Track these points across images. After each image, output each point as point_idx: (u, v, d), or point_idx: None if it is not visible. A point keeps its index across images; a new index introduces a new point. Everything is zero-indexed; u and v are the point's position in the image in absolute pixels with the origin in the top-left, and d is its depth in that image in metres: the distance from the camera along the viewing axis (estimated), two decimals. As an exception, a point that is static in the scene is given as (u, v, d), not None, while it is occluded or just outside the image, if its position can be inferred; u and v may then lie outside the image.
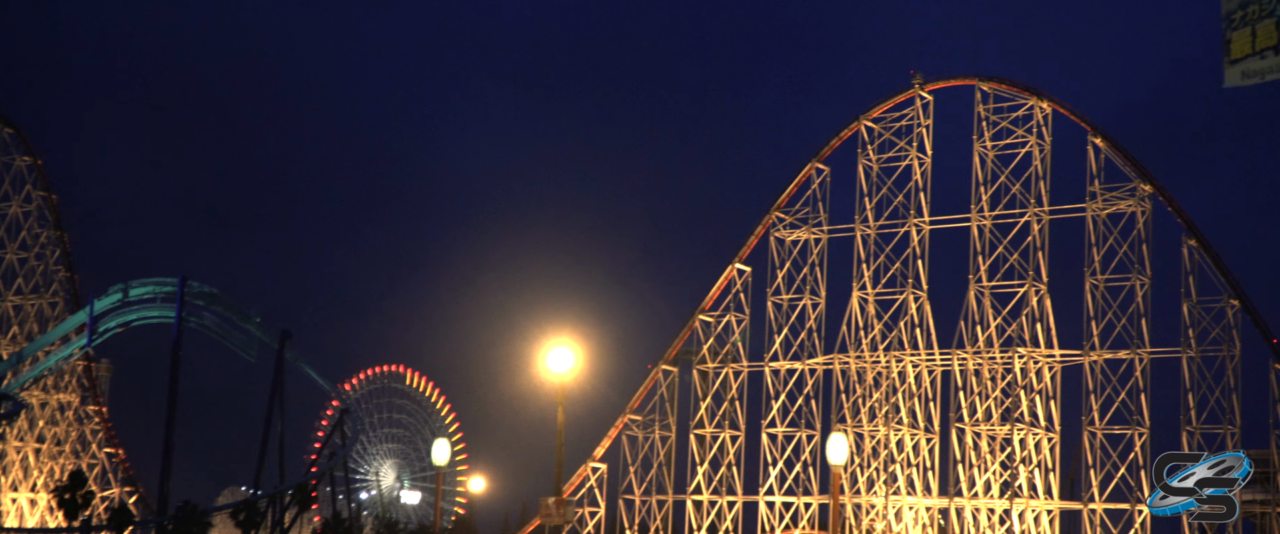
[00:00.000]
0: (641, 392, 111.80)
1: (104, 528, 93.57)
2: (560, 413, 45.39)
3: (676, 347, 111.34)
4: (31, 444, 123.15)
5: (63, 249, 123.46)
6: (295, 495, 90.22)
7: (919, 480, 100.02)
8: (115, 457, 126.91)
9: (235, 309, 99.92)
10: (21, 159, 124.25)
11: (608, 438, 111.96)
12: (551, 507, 45.56)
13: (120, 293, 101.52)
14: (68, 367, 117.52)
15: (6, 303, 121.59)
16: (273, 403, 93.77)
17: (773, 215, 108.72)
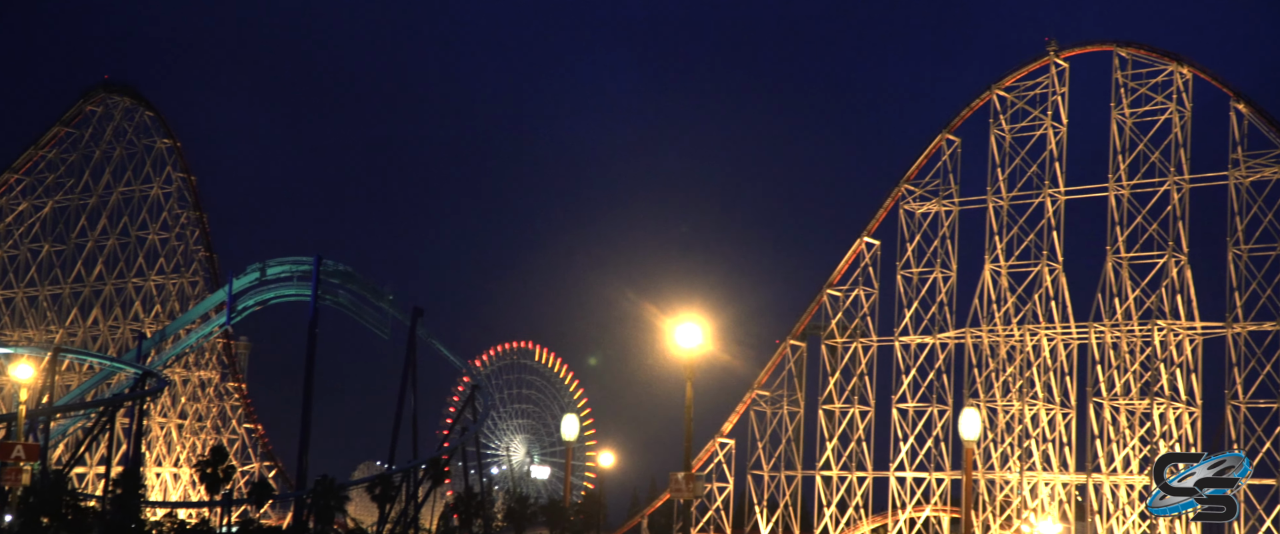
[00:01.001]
0: (769, 367, 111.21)
1: (245, 502, 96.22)
2: (689, 388, 45.15)
3: (804, 322, 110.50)
4: (174, 420, 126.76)
5: (202, 229, 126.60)
6: (428, 470, 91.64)
7: (1055, 456, 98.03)
8: (254, 432, 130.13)
9: (369, 287, 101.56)
10: (162, 142, 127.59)
11: (735, 413, 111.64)
12: (681, 482, 45.36)
13: (258, 272, 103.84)
14: (208, 344, 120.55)
15: (149, 282, 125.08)
16: (406, 379, 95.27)
17: (902, 188, 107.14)
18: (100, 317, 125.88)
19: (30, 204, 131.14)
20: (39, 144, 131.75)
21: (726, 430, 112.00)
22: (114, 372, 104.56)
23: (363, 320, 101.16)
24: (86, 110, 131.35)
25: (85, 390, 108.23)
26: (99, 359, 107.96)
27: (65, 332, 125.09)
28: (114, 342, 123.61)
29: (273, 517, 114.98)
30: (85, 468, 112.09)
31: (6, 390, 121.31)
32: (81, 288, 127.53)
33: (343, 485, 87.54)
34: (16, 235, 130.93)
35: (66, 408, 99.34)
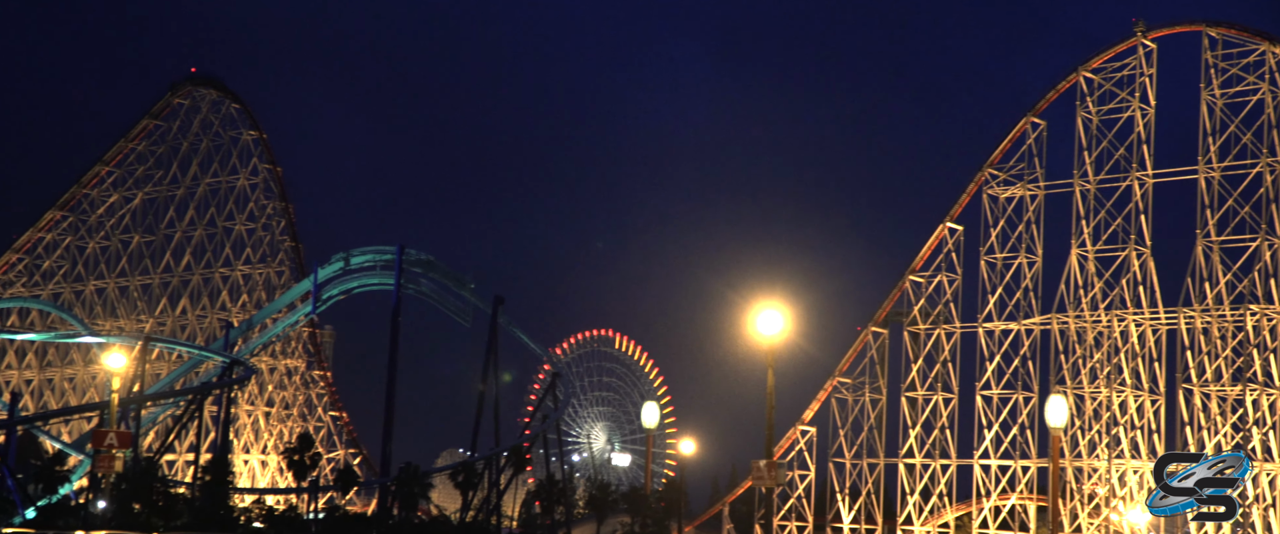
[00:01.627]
0: (851, 354, 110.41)
1: (331, 488, 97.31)
2: (770, 376, 44.92)
3: (886, 308, 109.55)
4: (262, 408, 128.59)
5: (288, 219, 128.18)
6: (510, 458, 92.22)
7: (1144, 443, 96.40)
8: (339, 419, 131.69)
9: (451, 276, 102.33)
10: (248, 133, 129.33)
11: (816, 401, 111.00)
12: (763, 469, 45.14)
13: (342, 261, 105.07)
14: (294, 333, 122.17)
15: (236, 272, 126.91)
16: (487, 367, 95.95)
17: (985, 172, 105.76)
18: (189, 306, 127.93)
19: (121, 196, 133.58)
20: (129, 137, 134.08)
21: (808, 418, 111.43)
22: (202, 360, 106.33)
23: (445, 308, 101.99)
24: (174, 103, 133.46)
25: (175, 379, 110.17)
26: (188, 348, 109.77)
27: (155, 321, 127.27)
28: (202, 331, 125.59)
29: (358, 503, 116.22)
30: (175, 455, 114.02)
31: (99, 379, 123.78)
32: (171, 278, 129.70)
33: (426, 473, 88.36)
34: (108, 227, 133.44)
35: (157, 396, 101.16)
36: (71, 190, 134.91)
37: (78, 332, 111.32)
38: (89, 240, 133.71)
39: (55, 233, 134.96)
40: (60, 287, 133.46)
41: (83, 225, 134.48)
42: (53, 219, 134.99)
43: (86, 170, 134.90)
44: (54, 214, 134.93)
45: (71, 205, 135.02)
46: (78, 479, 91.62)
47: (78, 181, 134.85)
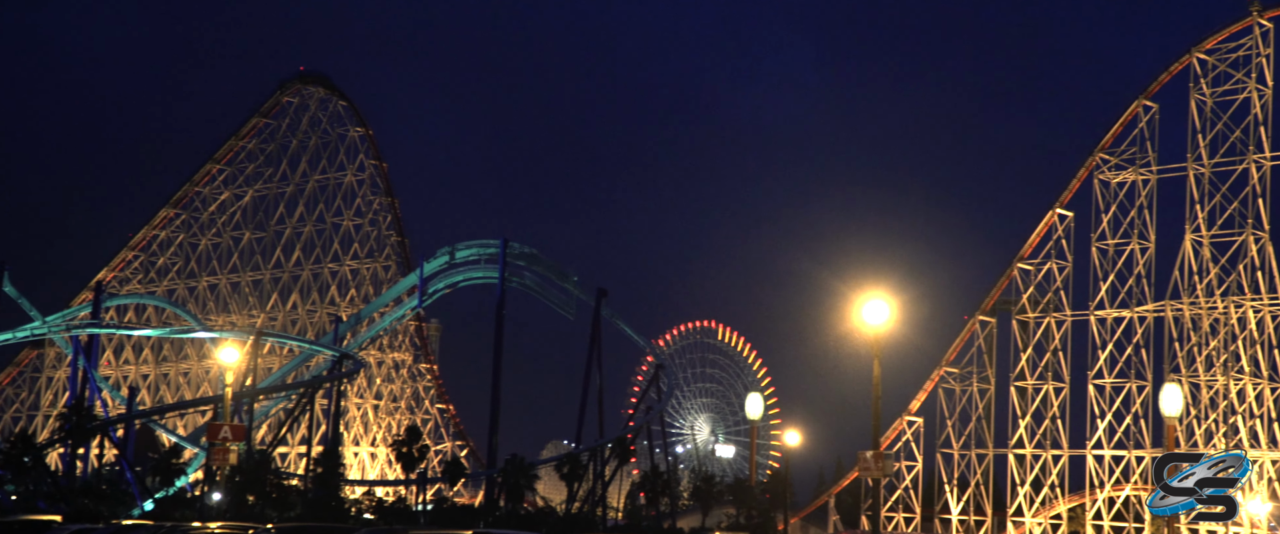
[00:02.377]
0: (958, 343, 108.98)
1: (438, 480, 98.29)
2: (876, 366, 44.34)
3: (994, 296, 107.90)
4: (370, 401, 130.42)
5: (393, 214, 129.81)
6: (614, 449, 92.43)
7: (1263, 432, 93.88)
8: (446, 412, 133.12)
9: (554, 269, 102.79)
10: (355, 130, 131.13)
11: (923, 391, 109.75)
12: (870, 460, 44.60)
13: (447, 255, 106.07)
14: (401, 327, 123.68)
15: (344, 267, 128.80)
16: (591, 359, 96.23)
17: (1096, 157, 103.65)
18: (299, 301, 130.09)
19: (232, 193, 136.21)
20: (239, 135, 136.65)
21: (914, 408, 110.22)
22: (312, 354, 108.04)
23: (548, 301, 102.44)
24: (283, 101, 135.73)
25: (286, 373, 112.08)
26: (298, 342, 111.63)
27: (266, 316, 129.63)
28: (312, 325, 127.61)
29: (465, 495, 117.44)
30: (287, 448, 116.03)
31: (213, 373, 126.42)
32: (281, 273, 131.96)
33: (532, 464, 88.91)
34: (219, 224, 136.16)
35: (269, 390, 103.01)
36: (184, 188, 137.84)
37: (192, 327, 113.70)
38: (201, 237, 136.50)
39: (169, 230, 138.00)
40: (174, 283, 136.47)
41: (195, 222, 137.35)
42: (166, 217, 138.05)
43: (198, 169, 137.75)
44: (167, 212, 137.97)
45: (184, 203, 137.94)
46: (193, 471, 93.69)
47: (190, 180, 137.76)
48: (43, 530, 52.15)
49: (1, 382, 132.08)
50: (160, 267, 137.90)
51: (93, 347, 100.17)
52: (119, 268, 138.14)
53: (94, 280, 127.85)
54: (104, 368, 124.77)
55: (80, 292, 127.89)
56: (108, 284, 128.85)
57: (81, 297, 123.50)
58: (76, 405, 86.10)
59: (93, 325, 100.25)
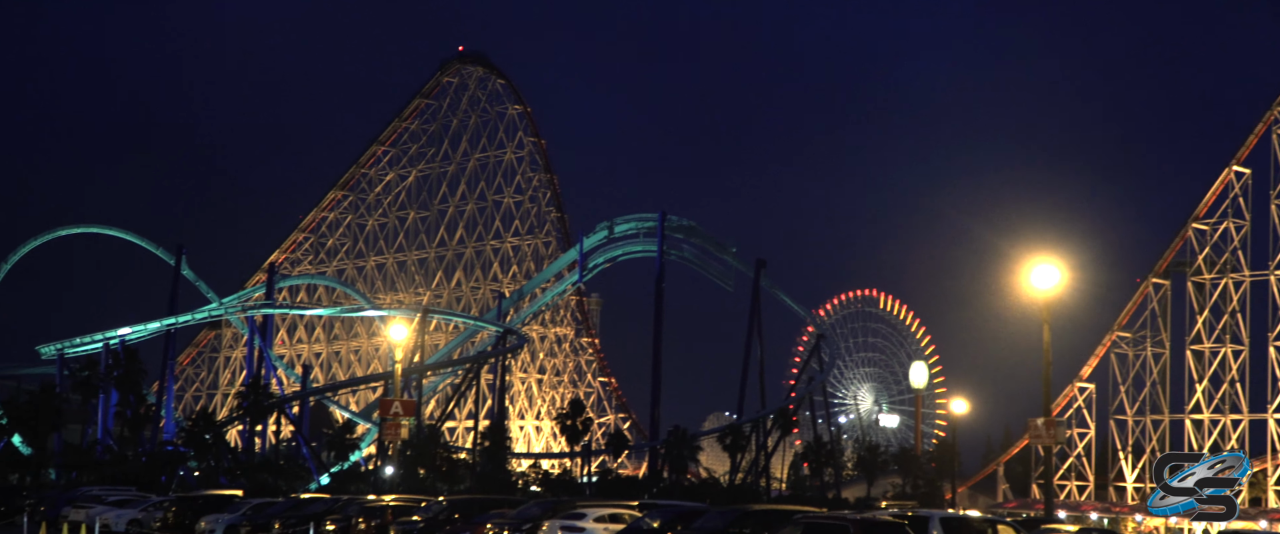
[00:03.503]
0: (1130, 307, 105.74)
1: (602, 452, 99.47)
2: (1046, 331, 43.25)
3: (1168, 258, 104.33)
4: (534, 375, 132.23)
5: (553, 191, 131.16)
6: (777, 420, 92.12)
7: None
8: (608, 385, 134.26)
9: (712, 241, 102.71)
10: (513, 108, 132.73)
11: (1094, 357, 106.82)
12: (1041, 427, 43.53)
13: (606, 230, 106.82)
14: (562, 302, 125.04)
15: (506, 244, 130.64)
16: (751, 330, 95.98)
17: (1275, 111, 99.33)
18: (463, 278, 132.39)
19: (396, 174, 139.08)
20: (402, 116, 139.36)
21: (1085, 374, 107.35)
22: (477, 330, 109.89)
23: (707, 273, 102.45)
24: (443, 82, 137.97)
25: (451, 349, 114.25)
26: (463, 318, 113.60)
27: (432, 293, 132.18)
28: (476, 301, 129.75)
29: (629, 466, 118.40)
30: (455, 422, 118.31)
31: (382, 350, 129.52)
32: (445, 251, 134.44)
33: (694, 436, 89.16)
34: (385, 204, 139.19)
35: (436, 366, 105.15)
36: (351, 170, 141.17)
37: (361, 306, 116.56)
38: (368, 217, 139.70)
39: (337, 212, 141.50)
40: (343, 263, 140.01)
41: (362, 203, 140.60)
42: (334, 199, 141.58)
43: (364, 151, 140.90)
44: (335, 194, 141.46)
45: (351, 185, 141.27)
46: (366, 446, 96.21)
47: (356, 162, 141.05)
48: (226, 504, 54.07)
49: (182, 362, 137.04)
50: (330, 247, 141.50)
51: (267, 327, 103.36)
52: (290, 249, 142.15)
53: (267, 262, 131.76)
54: (278, 347, 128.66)
55: (254, 273, 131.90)
56: (280, 266, 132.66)
57: (255, 278, 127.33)
58: (253, 384, 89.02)
59: (267, 306, 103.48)
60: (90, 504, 55.52)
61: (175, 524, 52.20)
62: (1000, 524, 33.11)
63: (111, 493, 60.53)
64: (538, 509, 44.12)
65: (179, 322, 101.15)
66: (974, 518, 36.28)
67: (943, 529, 30.88)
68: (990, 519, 35.08)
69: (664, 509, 42.60)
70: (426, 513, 46.01)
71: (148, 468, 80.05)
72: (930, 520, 31.28)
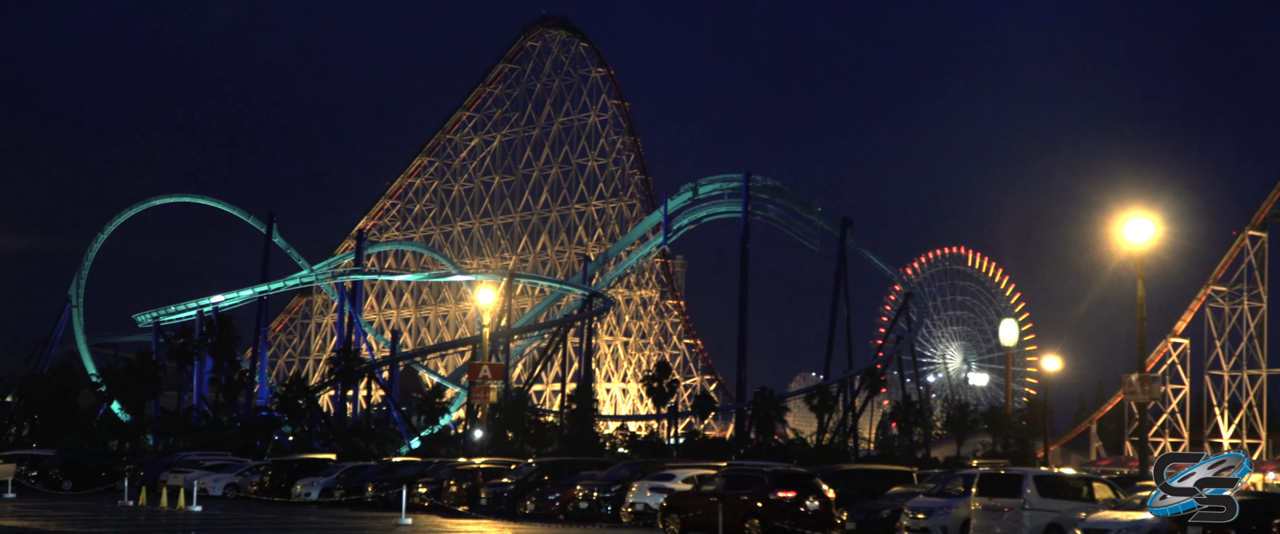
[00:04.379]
0: (1226, 261, 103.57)
1: (689, 414, 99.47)
2: (1140, 286, 42.50)
3: (1265, 210, 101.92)
4: (620, 338, 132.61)
5: (636, 153, 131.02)
6: (864, 380, 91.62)
7: None
8: (694, 347, 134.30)
9: (797, 200, 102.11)
10: (596, 71, 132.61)
11: (1189, 311, 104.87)
12: (1135, 383, 42.86)
13: (690, 192, 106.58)
14: (647, 264, 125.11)
15: (590, 207, 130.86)
16: (837, 290, 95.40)
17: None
18: (548, 242, 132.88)
19: (481, 139, 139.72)
20: (486, 81, 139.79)
21: (1180, 329, 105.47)
22: (563, 294, 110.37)
23: (793, 233, 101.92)
24: (527, 46, 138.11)
25: (538, 313, 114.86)
26: (549, 282, 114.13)
27: (517, 257, 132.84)
28: (561, 265, 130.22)
29: (715, 428, 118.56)
30: (542, 385, 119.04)
31: (469, 315, 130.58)
32: (530, 216, 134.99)
33: (781, 396, 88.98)
34: (470, 169, 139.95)
35: (523, 329, 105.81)
36: (436, 136, 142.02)
37: (448, 271, 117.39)
38: (454, 183, 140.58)
39: (423, 178, 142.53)
40: (430, 229, 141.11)
41: (448, 169, 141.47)
42: (420, 165, 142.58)
43: (449, 116, 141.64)
44: (421, 160, 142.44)
45: (437, 151, 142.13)
46: (455, 410, 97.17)
47: (442, 128, 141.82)
48: (320, 468, 54.93)
49: (274, 328, 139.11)
50: (416, 213, 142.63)
51: (357, 293, 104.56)
52: (378, 216, 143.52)
53: (356, 229, 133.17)
54: (367, 313, 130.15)
55: (343, 240, 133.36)
56: (368, 232, 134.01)
57: (345, 245, 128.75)
58: (344, 350, 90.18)
59: (356, 272, 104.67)
60: (188, 469, 56.69)
61: (271, 488, 53.12)
62: (1095, 482, 32.70)
63: (208, 458, 61.78)
64: (627, 470, 44.34)
65: (271, 289, 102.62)
66: (1068, 475, 35.85)
67: (1037, 487, 30.60)
68: (1085, 477, 34.63)
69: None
70: (516, 475, 46.39)
71: (243, 433, 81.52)
72: (1024, 478, 31.03)
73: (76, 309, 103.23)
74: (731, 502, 31.79)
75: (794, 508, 31.23)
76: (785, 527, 30.94)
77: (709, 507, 32.18)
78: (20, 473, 58.00)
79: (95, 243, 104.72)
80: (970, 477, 32.71)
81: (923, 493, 33.70)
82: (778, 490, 31.59)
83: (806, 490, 31.86)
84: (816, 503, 31.77)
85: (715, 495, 32.52)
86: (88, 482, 57.94)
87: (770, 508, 31.13)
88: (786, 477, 32.85)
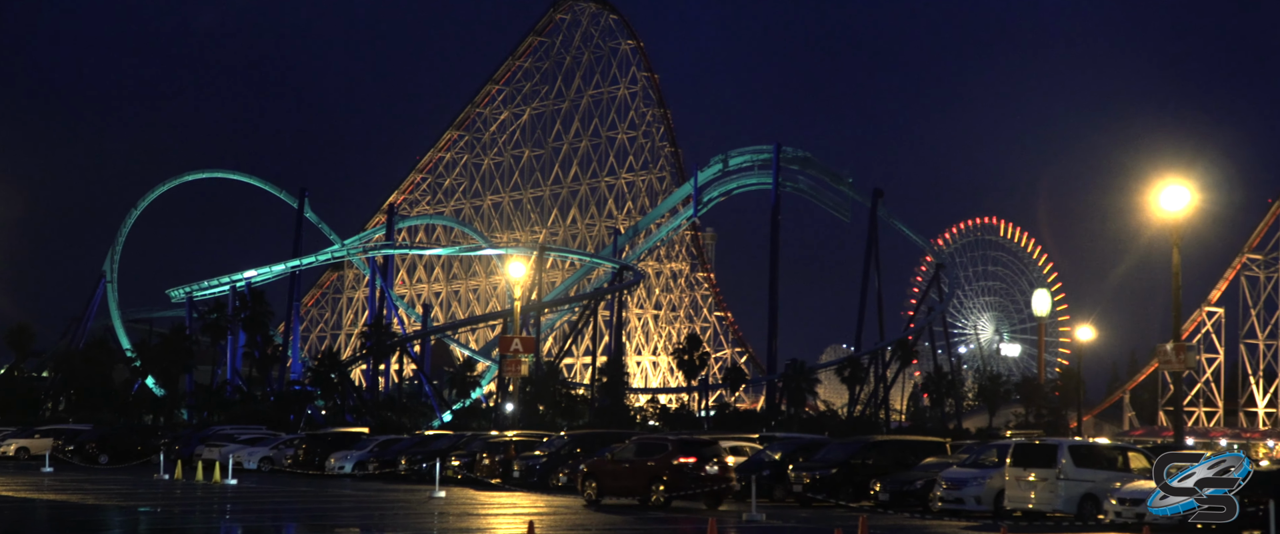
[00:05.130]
0: (1262, 228, 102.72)
1: (720, 386, 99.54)
2: (1175, 255, 42.12)
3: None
4: (650, 311, 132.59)
5: (666, 125, 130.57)
6: (896, 351, 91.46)
7: None
8: (725, 319, 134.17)
9: (828, 172, 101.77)
10: (626, 43, 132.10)
11: (1224, 280, 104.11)
12: (1170, 352, 42.54)
13: (720, 163, 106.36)
14: (677, 237, 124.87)
15: (620, 180, 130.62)
16: (868, 261, 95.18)
17: None
18: (578, 215, 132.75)
19: (511, 112, 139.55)
20: (516, 54, 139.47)
21: (1214, 298, 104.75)
22: (593, 267, 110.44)
23: (823, 204, 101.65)
24: (556, 19, 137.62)
25: (568, 286, 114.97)
26: (579, 256, 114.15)
27: (547, 231, 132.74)
28: (591, 239, 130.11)
29: (746, 400, 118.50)
30: (572, 359, 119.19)
31: (500, 289, 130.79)
32: (560, 189, 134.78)
33: (812, 368, 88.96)
34: (500, 143, 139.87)
35: (554, 303, 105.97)
36: (466, 110, 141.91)
37: (479, 245, 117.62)
38: (484, 157, 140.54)
39: (453, 152, 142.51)
40: (460, 203, 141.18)
41: (478, 143, 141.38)
42: (450, 139, 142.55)
43: (479, 90, 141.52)
44: (451, 134, 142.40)
45: (466, 124, 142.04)
46: (487, 383, 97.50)
47: (471, 101, 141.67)
48: (354, 441, 55.27)
49: (306, 303, 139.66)
50: (447, 187, 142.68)
51: (388, 267, 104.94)
52: (409, 190, 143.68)
53: (386, 203, 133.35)
54: (399, 287, 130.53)
55: (374, 215, 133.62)
56: (399, 206, 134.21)
57: (375, 219, 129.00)
58: (376, 324, 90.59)
59: (387, 247, 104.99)
60: (223, 443, 57.18)
61: (305, 461, 53.51)
62: (1131, 451, 32.51)
63: (243, 431, 62.28)
64: (658, 443, 44.46)
65: (303, 263, 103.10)
66: (1104, 445, 35.67)
67: (1072, 457, 30.45)
68: (1120, 447, 34.43)
69: (785, 441, 42.68)
70: (549, 447, 46.54)
71: (276, 407, 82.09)
72: (1059, 448, 30.88)
73: (111, 285, 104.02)
74: (640, 467, 34.93)
75: (695, 472, 34.14)
76: (687, 488, 33.93)
77: (622, 472, 35.36)
78: (57, 447, 58.65)
79: (129, 219, 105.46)
80: (1005, 447, 32.69)
81: (956, 464, 33.67)
82: (679, 456, 34.47)
83: (706, 456, 34.77)
84: (715, 467, 34.59)
85: (627, 462, 35.54)
86: (124, 456, 58.45)
87: (673, 472, 34.09)
88: (688, 444, 35.77)
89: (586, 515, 31.68)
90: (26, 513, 30.80)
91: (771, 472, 37.39)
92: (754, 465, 38.13)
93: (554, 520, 29.18)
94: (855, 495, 35.16)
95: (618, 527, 28.37)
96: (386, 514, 31.60)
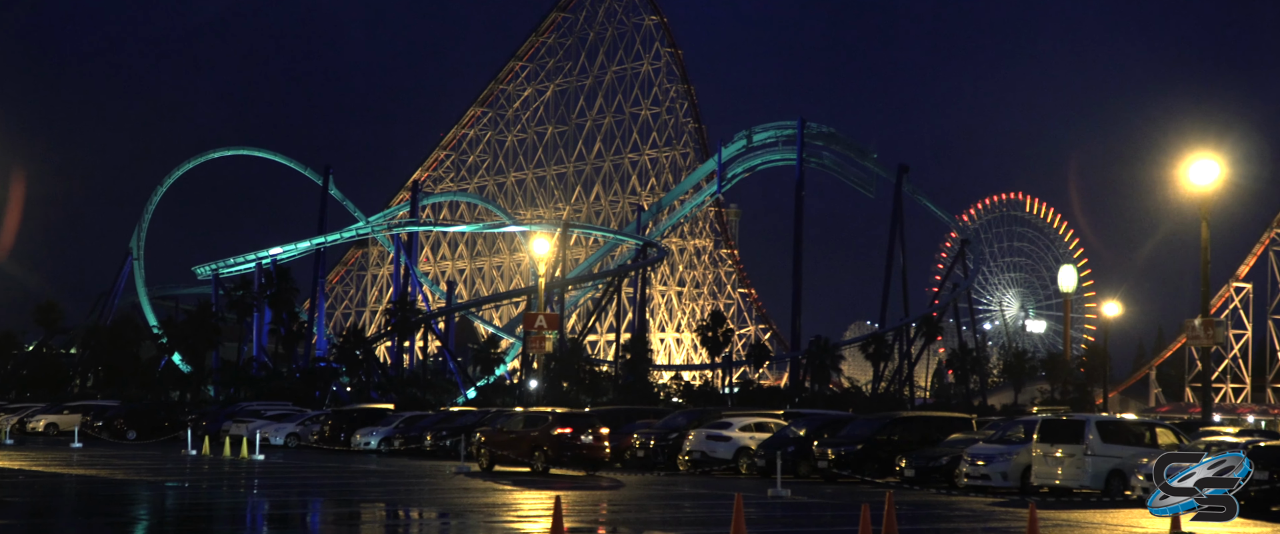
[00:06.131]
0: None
1: (743, 363, 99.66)
2: (1204, 229, 41.82)
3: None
4: (674, 287, 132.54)
5: (690, 101, 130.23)
6: (920, 328, 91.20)
7: None
8: (748, 296, 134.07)
9: (853, 147, 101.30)
10: (649, 18, 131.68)
11: (1252, 255, 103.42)
12: (1198, 328, 42.28)
13: (744, 139, 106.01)
14: (701, 213, 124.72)
15: (644, 156, 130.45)
16: (893, 237, 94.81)
17: None
18: (601, 192, 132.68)
19: (534, 89, 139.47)
20: (539, 31, 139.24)
21: (1243, 273, 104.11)
22: (617, 244, 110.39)
23: (848, 180, 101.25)
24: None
25: (592, 263, 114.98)
26: (603, 232, 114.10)
27: (571, 208, 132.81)
28: (615, 215, 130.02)
29: (770, 377, 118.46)
30: (596, 335, 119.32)
31: (524, 266, 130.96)
32: (583, 165, 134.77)
33: (836, 345, 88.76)
34: (524, 120, 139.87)
35: (578, 280, 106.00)
36: (489, 87, 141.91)
37: (503, 221, 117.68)
38: (508, 134, 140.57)
39: (477, 129, 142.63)
40: (484, 180, 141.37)
41: (501, 120, 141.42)
42: (474, 116, 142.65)
43: (502, 66, 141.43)
44: (475, 111, 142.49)
45: (490, 101, 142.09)
46: (511, 360, 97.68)
47: (495, 78, 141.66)
48: (379, 417, 55.47)
49: (331, 280, 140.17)
50: (470, 164, 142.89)
51: (412, 244, 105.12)
52: (433, 167, 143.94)
53: (410, 180, 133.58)
54: (423, 264, 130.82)
55: (398, 192, 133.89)
56: (423, 183, 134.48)
57: (400, 196, 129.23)
58: (401, 301, 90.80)
59: (412, 224, 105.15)
60: (249, 419, 57.49)
61: (331, 437, 53.79)
62: (1158, 427, 32.37)
63: (269, 408, 62.61)
64: (683, 419, 44.48)
65: (328, 241, 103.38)
66: (1131, 421, 35.50)
67: (1099, 433, 30.32)
68: (1148, 422, 34.28)
69: (809, 418, 42.60)
70: (573, 423, 46.54)
71: (302, 383, 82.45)
72: (1087, 424, 30.76)
73: (137, 262, 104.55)
74: (524, 437, 38.87)
75: (572, 441, 37.91)
76: (565, 456, 37.86)
77: (509, 441, 39.34)
78: (85, 423, 59.09)
79: (155, 196, 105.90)
80: (1031, 423, 32.62)
81: (982, 440, 33.58)
82: (558, 427, 38.14)
83: (582, 428, 38.51)
84: (591, 438, 38.27)
85: (514, 432, 39.53)
86: (151, 432, 58.85)
87: (553, 442, 37.82)
88: (567, 417, 39.80)
89: (612, 493, 31.68)
90: (57, 487, 31.03)
91: (796, 448, 37.32)
92: (779, 442, 38.09)
93: (580, 496, 29.20)
94: (880, 472, 35.15)
95: (637, 501, 28.37)
96: (412, 489, 31.73)
